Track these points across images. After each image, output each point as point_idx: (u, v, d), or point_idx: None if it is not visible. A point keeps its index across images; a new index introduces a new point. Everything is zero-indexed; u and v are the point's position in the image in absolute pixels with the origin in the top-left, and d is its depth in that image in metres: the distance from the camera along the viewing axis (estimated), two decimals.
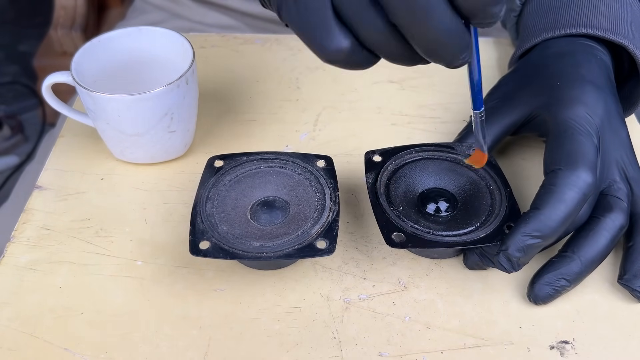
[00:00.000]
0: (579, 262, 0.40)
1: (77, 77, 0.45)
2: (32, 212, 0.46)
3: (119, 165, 0.50)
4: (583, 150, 0.40)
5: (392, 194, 0.43)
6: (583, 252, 0.40)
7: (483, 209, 0.42)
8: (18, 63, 1.65)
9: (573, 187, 0.38)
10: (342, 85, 0.58)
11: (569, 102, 0.43)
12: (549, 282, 0.40)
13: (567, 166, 0.39)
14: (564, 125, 0.41)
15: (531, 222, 0.38)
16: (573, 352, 0.39)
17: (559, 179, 0.39)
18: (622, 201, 0.41)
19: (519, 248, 0.38)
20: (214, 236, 0.39)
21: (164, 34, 0.49)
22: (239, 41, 0.63)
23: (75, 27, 1.18)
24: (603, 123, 0.42)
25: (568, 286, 0.40)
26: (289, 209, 0.42)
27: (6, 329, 0.39)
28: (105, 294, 0.41)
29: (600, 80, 0.45)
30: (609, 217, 0.40)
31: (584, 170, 0.39)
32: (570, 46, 0.48)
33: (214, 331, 0.39)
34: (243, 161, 0.45)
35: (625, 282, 0.41)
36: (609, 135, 0.42)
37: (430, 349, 0.39)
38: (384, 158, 0.44)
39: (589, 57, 0.47)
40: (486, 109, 0.45)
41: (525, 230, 0.38)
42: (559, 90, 0.44)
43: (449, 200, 0.43)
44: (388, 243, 0.39)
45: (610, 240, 0.40)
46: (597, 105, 0.42)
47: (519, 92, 0.47)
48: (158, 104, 0.45)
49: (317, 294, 0.41)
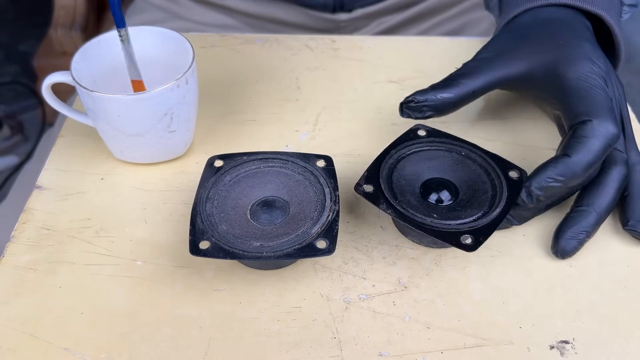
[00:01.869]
0: (595, 214, 0.43)
1: (76, 77, 0.45)
2: (32, 212, 0.46)
3: (119, 165, 0.50)
4: (605, 103, 0.43)
5: (394, 185, 0.43)
6: (597, 204, 0.43)
7: (484, 197, 0.42)
8: (18, 63, 1.65)
9: (601, 138, 0.41)
10: (342, 85, 0.58)
11: (579, 58, 0.45)
12: (573, 236, 0.43)
13: (596, 117, 0.41)
14: (579, 80, 0.44)
15: (559, 167, 0.41)
16: (573, 352, 0.39)
17: (589, 130, 0.41)
18: (622, 153, 0.44)
19: (540, 187, 0.41)
20: (214, 236, 0.39)
21: (164, 34, 0.49)
22: (238, 41, 0.63)
23: (75, 27, 1.18)
24: (609, 77, 0.45)
25: (588, 238, 0.43)
26: (289, 208, 0.42)
27: (6, 329, 0.39)
28: (105, 294, 0.41)
29: (594, 41, 0.47)
30: (614, 169, 0.44)
31: (610, 122, 0.41)
32: (559, 13, 0.50)
33: (214, 331, 0.39)
34: (243, 161, 0.45)
35: (632, 227, 0.44)
36: (613, 89, 0.45)
37: (430, 349, 0.39)
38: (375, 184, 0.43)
39: (579, 22, 0.49)
40: (480, 59, 0.48)
41: (551, 173, 0.41)
42: (565, 48, 0.46)
43: (451, 189, 0.44)
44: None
45: (617, 191, 0.44)
46: (600, 62, 0.45)
47: (516, 48, 0.48)
48: (158, 104, 0.45)
49: (317, 294, 0.41)
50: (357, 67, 0.59)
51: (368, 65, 0.59)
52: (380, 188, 0.42)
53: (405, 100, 0.47)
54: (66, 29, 1.17)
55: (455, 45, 0.62)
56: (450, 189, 0.44)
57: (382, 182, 0.43)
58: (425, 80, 0.57)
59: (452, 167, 0.45)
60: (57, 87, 0.48)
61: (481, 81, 0.47)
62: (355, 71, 0.59)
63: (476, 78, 0.47)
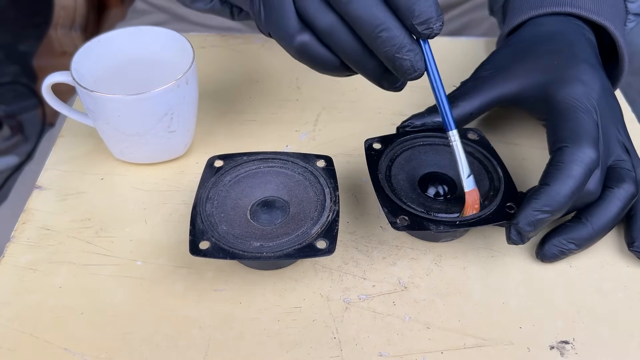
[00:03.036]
0: (590, 228, 0.42)
1: (77, 77, 0.45)
2: (32, 212, 0.46)
3: (119, 165, 0.50)
4: (586, 127, 0.41)
5: (392, 179, 0.43)
6: (595, 219, 0.42)
7: (482, 190, 0.43)
8: (18, 63, 1.65)
9: (579, 163, 0.40)
10: (342, 85, 0.58)
11: (569, 81, 0.44)
12: (558, 244, 0.42)
13: (573, 143, 0.41)
14: (566, 104, 0.43)
15: (542, 198, 0.39)
16: (573, 352, 0.39)
17: (566, 155, 0.40)
18: (631, 172, 0.43)
19: (529, 222, 0.39)
20: (214, 236, 0.39)
21: (164, 34, 0.49)
22: (239, 41, 0.63)
23: (75, 27, 1.18)
24: (601, 100, 0.44)
25: (576, 249, 0.42)
26: (289, 209, 0.42)
27: (6, 329, 0.39)
28: (105, 294, 0.41)
29: (592, 59, 0.46)
30: (621, 187, 0.42)
31: (589, 147, 0.40)
32: (561, 25, 0.49)
33: (214, 331, 0.39)
34: (243, 161, 0.45)
35: (636, 249, 0.43)
36: (606, 111, 0.44)
37: (430, 349, 0.39)
38: (383, 145, 0.45)
39: (579, 36, 0.48)
40: (478, 77, 0.48)
41: (536, 206, 0.39)
42: (557, 70, 0.45)
43: (448, 183, 0.44)
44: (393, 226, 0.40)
45: (621, 209, 0.42)
46: (594, 83, 0.44)
47: (514, 66, 0.48)
48: (158, 104, 0.45)
49: (317, 294, 0.41)
50: None
51: None
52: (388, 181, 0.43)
53: (402, 125, 0.47)
54: (66, 29, 1.18)
55: (456, 45, 0.62)
56: (448, 183, 0.44)
57: (381, 172, 0.43)
58: (426, 80, 0.57)
59: (451, 162, 0.45)
60: (57, 87, 0.48)
61: (478, 102, 0.47)
62: None
63: (473, 99, 0.47)
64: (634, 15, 0.52)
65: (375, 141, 0.45)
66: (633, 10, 0.52)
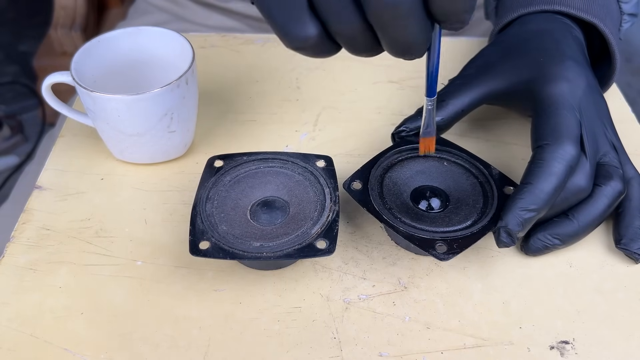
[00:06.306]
0: (576, 224, 0.42)
1: (77, 77, 0.45)
2: (32, 212, 0.46)
3: (119, 165, 0.50)
4: (567, 124, 0.42)
5: (384, 194, 0.43)
6: (581, 216, 0.42)
7: (475, 202, 0.42)
8: (18, 63, 1.65)
9: (561, 160, 0.40)
10: (342, 85, 0.58)
11: (553, 79, 0.44)
12: (543, 239, 0.42)
13: (554, 141, 0.41)
14: (549, 101, 0.43)
15: (526, 197, 0.40)
16: (573, 352, 0.39)
17: (547, 153, 0.41)
18: (619, 169, 0.43)
19: (518, 222, 0.39)
20: (214, 236, 0.39)
21: (164, 34, 0.49)
22: (239, 41, 0.63)
23: (75, 27, 1.18)
24: (586, 97, 0.44)
25: (561, 245, 0.42)
26: (289, 209, 0.42)
27: (6, 329, 0.39)
28: (105, 294, 0.41)
29: (579, 57, 0.46)
30: (608, 185, 0.42)
31: (569, 144, 0.41)
32: (548, 23, 0.49)
33: (214, 331, 0.39)
34: (243, 161, 0.45)
35: (624, 246, 0.43)
36: (592, 108, 0.44)
37: (430, 349, 0.39)
38: (363, 181, 0.43)
39: (566, 34, 0.48)
40: (466, 75, 0.48)
41: (522, 205, 0.39)
42: (543, 67, 0.45)
43: (441, 196, 0.43)
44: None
45: (607, 206, 0.42)
46: (579, 81, 0.44)
47: (500, 63, 0.48)
48: (158, 104, 0.45)
49: (317, 294, 0.41)
50: (357, 68, 0.59)
51: (368, 66, 0.59)
52: (367, 187, 0.42)
53: (397, 130, 0.47)
54: (66, 29, 1.18)
55: (455, 45, 0.62)
56: (441, 196, 0.44)
57: (372, 183, 0.43)
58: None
59: (444, 176, 0.45)
60: (57, 87, 0.48)
61: (467, 99, 0.47)
62: (355, 71, 0.59)
63: (462, 97, 0.47)
64: (628, 16, 0.52)
65: (353, 180, 0.43)
66: (627, 11, 0.52)
